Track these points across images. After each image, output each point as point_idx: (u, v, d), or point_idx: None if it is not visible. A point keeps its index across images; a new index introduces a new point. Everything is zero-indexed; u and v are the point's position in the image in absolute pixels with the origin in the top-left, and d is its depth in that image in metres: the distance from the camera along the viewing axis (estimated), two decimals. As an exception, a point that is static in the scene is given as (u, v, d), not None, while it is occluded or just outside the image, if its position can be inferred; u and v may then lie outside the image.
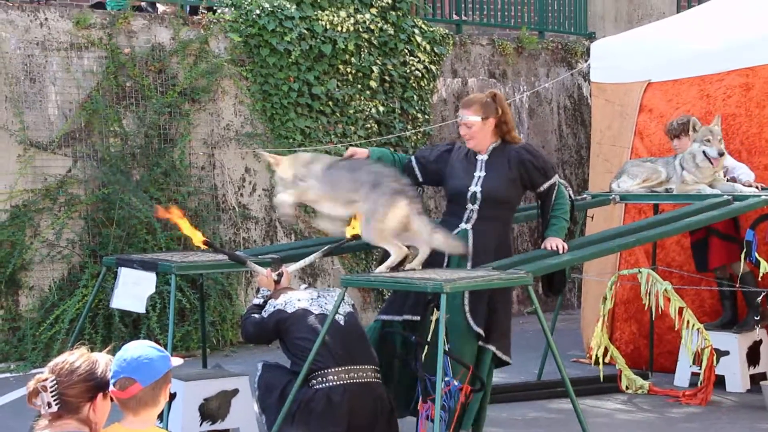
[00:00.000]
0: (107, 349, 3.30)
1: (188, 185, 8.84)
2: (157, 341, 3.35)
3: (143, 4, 9.32)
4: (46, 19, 8.43)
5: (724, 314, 7.49)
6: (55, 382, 3.04)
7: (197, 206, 8.89)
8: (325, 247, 6.02)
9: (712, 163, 7.00)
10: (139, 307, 6.05)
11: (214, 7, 9.39)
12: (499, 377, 7.69)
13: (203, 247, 5.83)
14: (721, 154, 6.99)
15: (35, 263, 8.26)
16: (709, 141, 6.97)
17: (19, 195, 8.23)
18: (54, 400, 3.03)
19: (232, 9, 9.27)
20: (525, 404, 7.04)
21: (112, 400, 3.12)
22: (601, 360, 7.01)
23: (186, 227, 5.78)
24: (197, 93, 8.95)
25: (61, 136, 8.39)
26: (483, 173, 5.82)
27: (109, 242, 8.34)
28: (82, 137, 8.49)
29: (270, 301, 5.61)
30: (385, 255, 5.66)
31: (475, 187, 5.80)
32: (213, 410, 5.97)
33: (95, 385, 3.08)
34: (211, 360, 7.47)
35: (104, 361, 3.13)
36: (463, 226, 5.80)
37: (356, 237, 5.92)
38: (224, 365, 6.96)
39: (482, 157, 5.85)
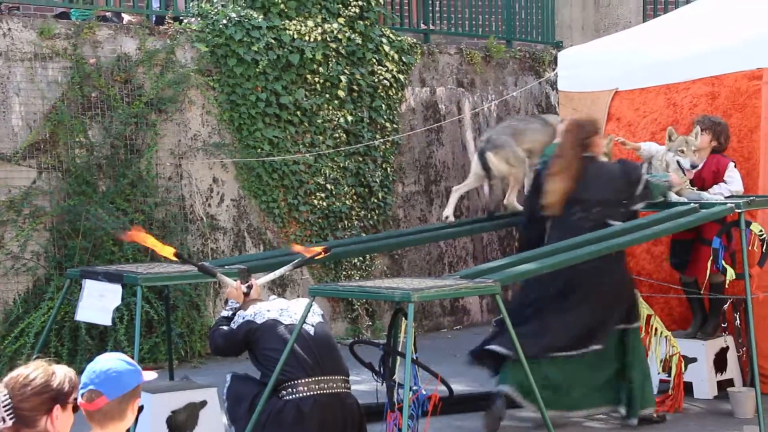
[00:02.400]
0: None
1: (155, 196, 8.77)
2: (124, 353, 3.32)
3: (108, 14, 9.24)
4: (10, 29, 8.34)
5: (695, 319, 7.49)
6: (7, 396, 3.00)
7: (164, 217, 8.83)
8: (296, 261, 6.00)
9: (684, 174, 7.01)
10: (105, 319, 6.00)
11: (181, 17, 9.34)
12: (468, 386, 7.69)
13: (174, 258, 5.78)
14: (694, 167, 7.01)
15: (-1, 276, 8.17)
16: (683, 152, 6.99)
17: (-17, 207, 8.13)
18: (7, 415, 2.99)
19: (199, 19, 9.23)
20: (495, 413, 7.01)
21: (75, 410, 3.09)
22: None
23: (156, 246, 5.72)
24: (164, 103, 8.89)
25: (26, 148, 8.30)
26: None
27: (75, 254, 8.26)
28: (46, 148, 8.41)
29: (239, 312, 5.57)
30: None
31: None
32: (181, 422, 5.93)
33: (51, 398, 3.04)
34: (180, 372, 7.42)
35: (63, 373, 3.09)
36: None
37: (327, 251, 5.93)
38: (192, 377, 6.91)
39: None
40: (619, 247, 6.22)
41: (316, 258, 5.98)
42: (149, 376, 3.21)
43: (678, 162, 7.02)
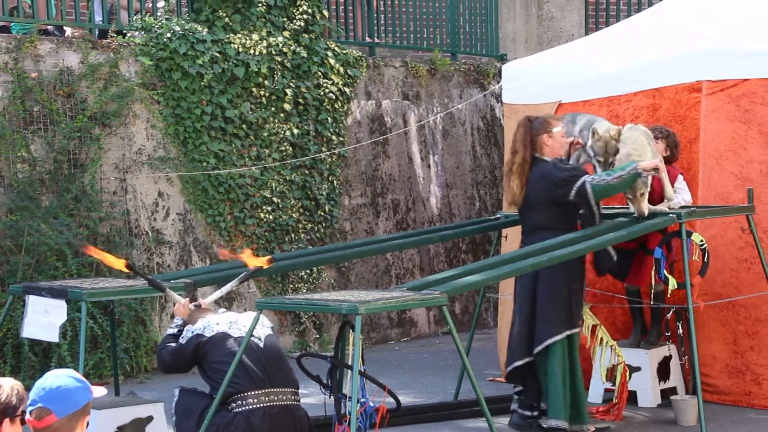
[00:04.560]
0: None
1: (100, 211, 8.69)
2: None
3: (50, 27, 9.15)
4: (-50, 42, 8.24)
5: (635, 327, 7.58)
6: None
7: (109, 232, 8.75)
8: (241, 275, 5.98)
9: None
10: (52, 336, 5.95)
11: (124, 31, 9.27)
12: (416, 398, 7.71)
13: (125, 270, 5.74)
14: None
15: (-60, 293, 8.03)
16: (600, 162, 6.92)
17: (-77, 223, 8.00)
18: None
19: (142, 32, 9.17)
20: (442, 424, 7.03)
21: (23, 423, 3.06)
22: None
23: (108, 259, 5.70)
24: (108, 117, 8.82)
25: (-33, 162, 8.19)
26: None
27: (18, 270, 8.15)
28: (-12, 163, 8.31)
29: (187, 326, 5.54)
30: None
31: None
32: (127, 438, 5.87)
33: (0, 411, 3.01)
34: (125, 387, 7.35)
35: (10, 386, 3.07)
36: None
37: (271, 261, 5.91)
38: (139, 392, 6.85)
39: None
40: (562, 259, 6.25)
41: (262, 269, 5.96)
42: (99, 391, 3.19)
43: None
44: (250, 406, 5.23)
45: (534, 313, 6.53)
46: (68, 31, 9.29)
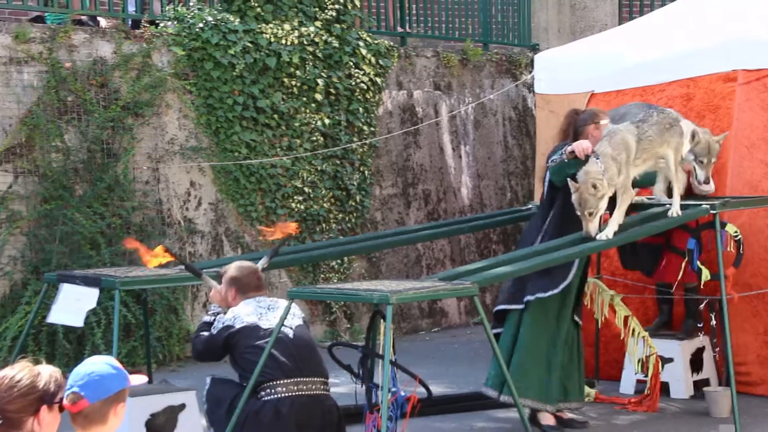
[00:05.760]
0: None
1: (132, 200, 8.75)
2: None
3: (84, 17, 9.21)
4: (-15, 33, 8.31)
5: (660, 316, 7.55)
6: None
7: (142, 221, 8.81)
8: (271, 249, 5.99)
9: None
10: (77, 320, 5.97)
11: (157, 21, 9.31)
12: (447, 388, 7.72)
13: (164, 255, 5.77)
14: (706, 182, 6.88)
15: (-24, 281, 8.12)
16: (702, 162, 6.86)
17: (-41, 212, 8.08)
18: None
19: (175, 22, 9.21)
20: (473, 414, 7.03)
21: (62, 410, 3.08)
22: None
23: (152, 259, 5.77)
24: (140, 107, 8.87)
25: (2, 152, 8.25)
26: None
27: (52, 258, 8.22)
28: (23, 153, 8.37)
29: (218, 317, 5.56)
30: None
31: None
32: (160, 425, 5.92)
33: (37, 399, 3.02)
34: (158, 375, 7.40)
35: (48, 373, 3.08)
36: None
37: (291, 234, 5.96)
38: (171, 380, 6.90)
39: None
40: (593, 251, 6.22)
41: (286, 237, 6.00)
42: (138, 379, 3.20)
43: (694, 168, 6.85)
44: (279, 395, 5.25)
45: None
46: (102, 21, 9.35)
